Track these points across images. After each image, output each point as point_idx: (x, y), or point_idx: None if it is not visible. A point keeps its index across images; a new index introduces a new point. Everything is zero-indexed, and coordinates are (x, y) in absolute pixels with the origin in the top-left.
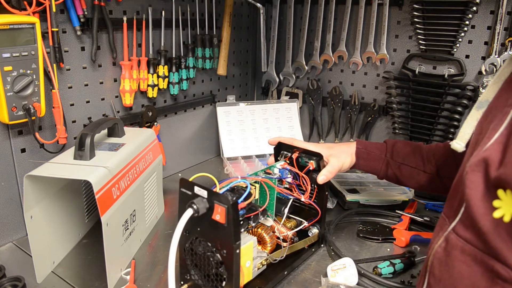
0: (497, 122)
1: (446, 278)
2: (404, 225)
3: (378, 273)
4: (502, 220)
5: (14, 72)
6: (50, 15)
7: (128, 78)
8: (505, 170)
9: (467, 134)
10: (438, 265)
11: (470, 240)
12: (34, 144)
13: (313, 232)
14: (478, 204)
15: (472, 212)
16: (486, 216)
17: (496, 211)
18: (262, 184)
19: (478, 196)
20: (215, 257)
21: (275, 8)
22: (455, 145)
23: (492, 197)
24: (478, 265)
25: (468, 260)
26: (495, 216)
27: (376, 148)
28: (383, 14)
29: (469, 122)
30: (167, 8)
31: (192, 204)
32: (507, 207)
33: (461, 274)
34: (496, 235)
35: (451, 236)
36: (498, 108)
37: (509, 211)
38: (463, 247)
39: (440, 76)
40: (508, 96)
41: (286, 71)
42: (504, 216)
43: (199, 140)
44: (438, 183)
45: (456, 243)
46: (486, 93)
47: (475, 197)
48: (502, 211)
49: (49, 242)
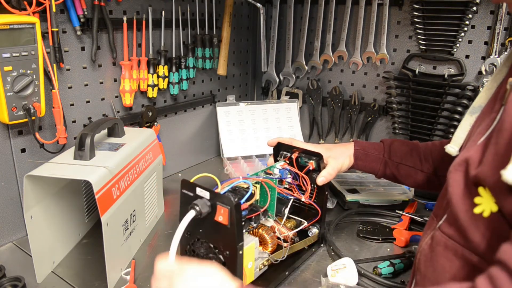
0: (484, 127)
1: (430, 273)
2: (404, 225)
3: (378, 273)
4: (481, 216)
5: (14, 72)
6: (50, 15)
7: (128, 78)
8: (482, 168)
9: (461, 139)
10: (423, 261)
11: (452, 236)
12: (34, 144)
13: (313, 232)
14: (460, 202)
15: (454, 209)
16: (467, 212)
17: (477, 207)
18: (263, 184)
19: (459, 193)
20: (217, 259)
21: (275, 8)
22: (449, 149)
23: (473, 194)
24: (458, 259)
25: (449, 255)
26: (475, 212)
27: (374, 148)
28: (383, 14)
29: (463, 126)
30: (167, 8)
31: (194, 205)
32: (487, 203)
33: (443, 268)
34: (475, 229)
35: (436, 233)
36: (487, 113)
37: (489, 207)
38: (446, 242)
39: (440, 76)
40: (497, 101)
41: (286, 71)
42: (483, 212)
43: (199, 140)
44: (436, 182)
45: (440, 239)
46: (479, 99)
47: (457, 194)
48: (482, 207)
49: (49, 242)
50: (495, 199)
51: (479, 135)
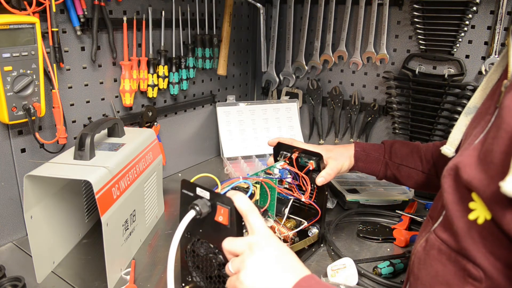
0: (479, 129)
1: (424, 276)
2: (404, 225)
3: (378, 273)
4: (475, 223)
5: (14, 72)
6: (50, 15)
7: (128, 78)
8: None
9: (456, 140)
10: (417, 264)
11: (446, 241)
12: (34, 144)
13: (313, 232)
14: (455, 207)
15: (449, 214)
16: (462, 218)
17: (471, 213)
18: (263, 184)
19: (454, 199)
20: (217, 259)
21: (275, 8)
22: (445, 150)
23: (468, 199)
24: (452, 264)
25: (443, 259)
26: (469, 218)
27: (374, 149)
28: (383, 14)
29: (458, 127)
30: (167, 8)
31: (194, 205)
32: (481, 210)
33: (437, 273)
34: (468, 236)
35: (431, 236)
36: (482, 115)
37: (483, 214)
38: (440, 246)
39: (440, 76)
40: (492, 103)
41: (286, 71)
42: (478, 219)
43: (199, 140)
44: (437, 183)
45: (434, 243)
46: (474, 99)
47: (451, 200)
48: (476, 213)
49: (49, 242)
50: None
51: (474, 137)
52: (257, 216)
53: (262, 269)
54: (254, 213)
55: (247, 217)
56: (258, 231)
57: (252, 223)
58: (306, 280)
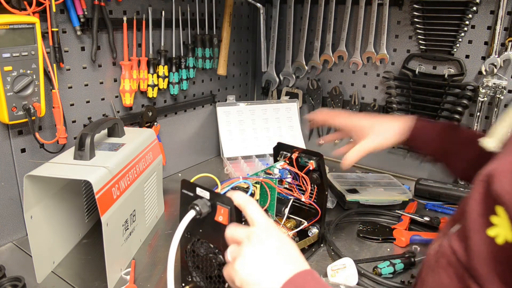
0: None
1: (430, 283)
2: (404, 225)
3: (378, 273)
4: (493, 241)
5: (14, 72)
6: (50, 15)
7: (128, 78)
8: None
9: (499, 134)
10: (426, 268)
11: (457, 252)
12: (34, 144)
13: (313, 232)
14: (476, 218)
15: (467, 224)
16: (480, 232)
17: (492, 228)
18: (263, 184)
19: (478, 209)
20: (217, 259)
21: (275, 8)
22: (486, 143)
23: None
24: (457, 280)
25: (450, 273)
26: (488, 234)
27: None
28: (383, 14)
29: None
30: (167, 8)
31: (194, 205)
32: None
33: (442, 284)
34: (482, 256)
35: (445, 242)
36: None
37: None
38: (450, 257)
39: (440, 76)
40: None
41: (286, 71)
42: (497, 237)
43: (199, 140)
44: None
45: (445, 252)
46: None
47: (475, 209)
48: (497, 230)
49: (49, 242)
50: None
51: None
52: (255, 207)
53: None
54: (251, 204)
55: (245, 209)
56: (258, 222)
57: (250, 214)
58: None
